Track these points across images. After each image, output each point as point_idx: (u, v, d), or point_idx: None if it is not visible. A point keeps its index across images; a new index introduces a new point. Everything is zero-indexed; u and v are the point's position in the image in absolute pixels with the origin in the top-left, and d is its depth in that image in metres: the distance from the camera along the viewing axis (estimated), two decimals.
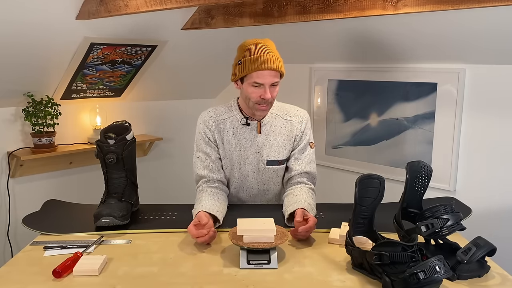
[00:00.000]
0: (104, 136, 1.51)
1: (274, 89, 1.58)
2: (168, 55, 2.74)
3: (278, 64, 1.54)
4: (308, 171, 1.67)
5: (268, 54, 1.53)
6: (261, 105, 1.58)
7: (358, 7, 1.91)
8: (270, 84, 1.55)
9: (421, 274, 1.01)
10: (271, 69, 1.52)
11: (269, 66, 1.51)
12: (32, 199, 2.55)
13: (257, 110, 1.60)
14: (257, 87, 1.55)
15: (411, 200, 1.31)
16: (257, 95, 1.55)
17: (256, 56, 1.52)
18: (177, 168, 3.34)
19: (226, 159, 1.67)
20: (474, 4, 1.62)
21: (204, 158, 1.66)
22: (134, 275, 1.17)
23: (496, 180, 2.20)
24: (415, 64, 2.40)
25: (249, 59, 1.53)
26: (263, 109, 1.59)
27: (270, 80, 1.54)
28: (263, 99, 1.55)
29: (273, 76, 1.54)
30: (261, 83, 1.53)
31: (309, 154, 1.69)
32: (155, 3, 1.72)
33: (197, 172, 1.65)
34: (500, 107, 2.15)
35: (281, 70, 1.55)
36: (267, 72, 1.52)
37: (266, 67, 1.51)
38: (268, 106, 1.60)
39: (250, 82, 1.55)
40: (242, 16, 2.36)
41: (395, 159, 2.55)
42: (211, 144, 1.66)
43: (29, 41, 2.11)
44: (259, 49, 1.54)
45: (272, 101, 1.61)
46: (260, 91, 1.55)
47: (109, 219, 1.44)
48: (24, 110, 2.45)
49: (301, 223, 1.38)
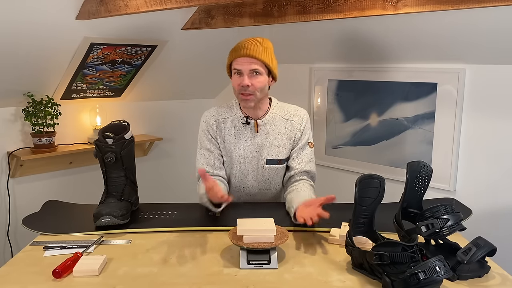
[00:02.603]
0: (102, 135, 1.51)
1: (255, 79, 1.55)
2: (168, 55, 2.74)
3: (259, 52, 1.52)
4: (308, 170, 1.67)
5: (251, 43, 1.53)
6: (243, 94, 1.56)
7: (358, 7, 1.91)
8: (250, 71, 1.53)
9: (421, 274, 1.01)
10: (248, 56, 1.52)
11: (246, 52, 1.52)
12: (32, 199, 2.55)
13: (241, 101, 1.59)
14: (238, 76, 1.56)
15: (411, 200, 1.31)
16: (237, 83, 1.56)
17: (238, 45, 1.56)
18: (177, 168, 3.34)
19: (227, 158, 1.68)
20: (474, 4, 1.61)
21: (207, 154, 1.67)
22: (134, 275, 1.17)
23: (496, 180, 2.20)
24: (415, 64, 2.40)
25: (232, 49, 1.58)
26: (245, 98, 1.56)
27: (247, 66, 1.53)
28: (242, 86, 1.54)
29: (252, 62, 1.53)
30: (238, 69, 1.54)
31: (309, 154, 1.69)
32: (155, 3, 1.72)
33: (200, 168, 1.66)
34: (500, 107, 2.15)
35: (260, 58, 1.52)
36: (245, 58, 1.53)
37: (243, 54, 1.52)
38: (251, 96, 1.56)
39: (232, 70, 1.58)
40: (242, 16, 2.36)
41: (395, 159, 2.55)
42: (213, 142, 1.68)
43: (29, 41, 2.11)
44: (246, 40, 1.56)
45: (256, 91, 1.56)
46: (240, 79, 1.55)
47: (108, 219, 1.43)
48: (24, 110, 2.45)
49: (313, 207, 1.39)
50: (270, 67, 1.57)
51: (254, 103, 1.59)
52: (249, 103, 1.59)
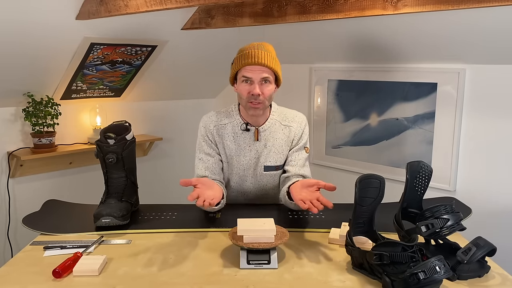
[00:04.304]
0: (104, 136, 1.51)
1: (265, 87, 1.55)
2: (168, 55, 2.74)
3: (269, 60, 1.52)
4: (302, 173, 1.66)
5: (259, 50, 1.53)
6: (252, 102, 1.55)
7: (358, 7, 1.91)
8: (260, 80, 1.53)
9: (421, 274, 1.01)
10: (259, 64, 1.51)
11: (257, 61, 1.51)
12: (32, 199, 2.55)
13: (249, 109, 1.58)
14: (247, 83, 1.55)
15: (411, 200, 1.31)
16: (247, 91, 1.54)
17: (246, 52, 1.54)
18: (177, 168, 3.34)
19: (226, 163, 1.68)
20: (474, 4, 1.62)
21: (206, 159, 1.66)
22: (134, 275, 1.17)
23: (496, 180, 2.20)
24: (415, 64, 2.40)
25: (239, 56, 1.55)
26: (254, 106, 1.55)
27: (258, 74, 1.52)
28: (252, 95, 1.53)
29: (262, 71, 1.53)
30: (249, 77, 1.53)
31: (304, 158, 1.68)
32: (155, 3, 1.72)
33: (198, 173, 1.65)
34: (500, 107, 2.15)
35: (271, 66, 1.53)
36: (256, 67, 1.52)
37: (254, 62, 1.51)
38: (260, 104, 1.55)
39: (240, 78, 1.56)
40: (242, 16, 2.36)
41: (395, 159, 2.55)
42: (213, 146, 1.67)
43: (29, 41, 2.11)
44: (252, 47, 1.55)
45: (265, 100, 1.56)
46: (250, 87, 1.54)
47: (109, 219, 1.43)
48: (24, 110, 2.45)
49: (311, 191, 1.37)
50: (278, 74, 1.58)
51: (262, 111, 1.60)
52: (258, 112, 1.58)
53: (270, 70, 1.54)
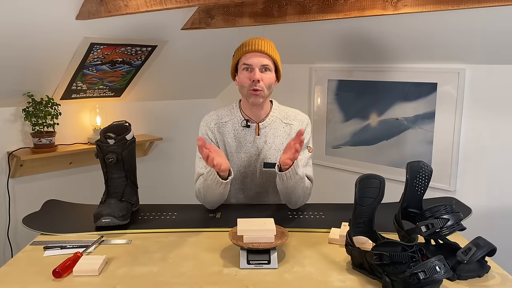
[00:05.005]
0: (104, 136, 1.51)
1: (265, 75, 1.58)
2: (168, 55, 2.74)
3: (268, 49, 1.58)
4: (304, 173, 1.66)
5: (259, 40, 1.59)
6: (253, 89, 1.57)
7: (358, 7, 1.92)
8: (260, 67, 1.57)
9: (421, 274, 1.01)
10: (259, 51, 1.56)
11: (257, 48, 1.57)
12: (32, 199, 2.55)
13: (249, 96, 1.60)
14: (247, 71, 1.58)
15: (411, 200, 1.31)
16: (247, 79, 1.58)
17: (246, 41, 1.61)
18: (177, 168, 3.34)
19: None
20: (474, 4, 1.62)
21: None
22: (134, 275, 1.17)
23: (496, 180, 2.20)
24: (415, 64, 2.40)
25: (240, 46, 1.62)
26: (255, 93, 1.58)
27: (258, 61, 1.57)
28: (253, 81, 1.56)
29: (262, 57, 1.57)
30: (249, 64, 1.57)
31: (306, 157, 1.68)
32: (155, 3, 1.72)
33: (198, 171, 1.66)
34: (500, 107, 2.15)
35: (270, 54, 1.58)
36: (256, 53, 1.57)
37: (254, 49, 1.57)
38: (260, 92, 1.58)
39: (241, 67, 1.60)
40: (242, 16, 2.36)
41: (395, 159, 2.55)
42: (213, 144, 1.66)
43: (29, 41, 2.12)
44: (251, 38, 1.60)
45: (265, 88, 1.59)
46: (250, 74, 1.57)
47: (109, 219, 1.43)
48: (24, 110, 2.45)
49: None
50: (278, 64, 1.62)
51: (262, 99, 1.61)
52: (258, 99, 1.60)
53: (270, 58, 1.59)
